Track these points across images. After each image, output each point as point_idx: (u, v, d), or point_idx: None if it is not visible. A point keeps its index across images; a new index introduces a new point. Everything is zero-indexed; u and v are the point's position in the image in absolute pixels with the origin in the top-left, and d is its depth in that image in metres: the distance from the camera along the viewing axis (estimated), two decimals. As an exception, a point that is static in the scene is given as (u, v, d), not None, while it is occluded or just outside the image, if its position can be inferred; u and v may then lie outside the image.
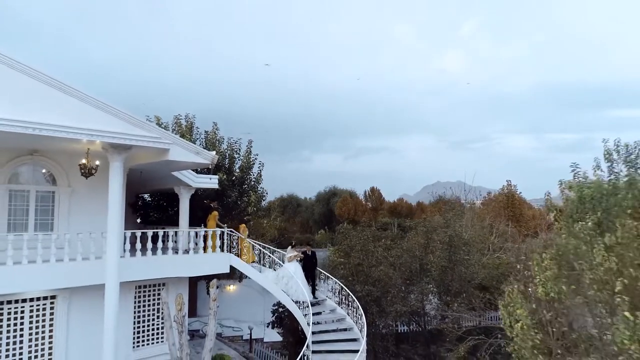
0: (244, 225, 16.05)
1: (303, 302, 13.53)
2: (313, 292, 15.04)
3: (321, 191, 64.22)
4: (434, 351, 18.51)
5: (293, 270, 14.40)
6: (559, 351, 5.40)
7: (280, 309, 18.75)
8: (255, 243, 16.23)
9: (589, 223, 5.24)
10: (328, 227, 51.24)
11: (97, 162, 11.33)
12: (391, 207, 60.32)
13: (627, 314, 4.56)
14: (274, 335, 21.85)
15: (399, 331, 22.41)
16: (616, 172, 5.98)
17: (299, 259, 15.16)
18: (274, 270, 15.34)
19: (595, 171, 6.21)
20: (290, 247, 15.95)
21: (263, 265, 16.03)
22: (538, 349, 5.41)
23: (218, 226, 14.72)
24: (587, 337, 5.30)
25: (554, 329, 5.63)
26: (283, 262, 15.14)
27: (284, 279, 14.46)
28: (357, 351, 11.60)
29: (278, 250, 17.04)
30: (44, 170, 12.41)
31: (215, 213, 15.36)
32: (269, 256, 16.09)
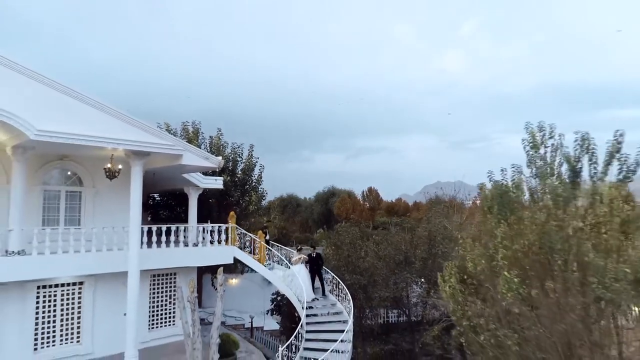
0: (260, 231, 17.80)
1: (305, 297, 15.24)
2: (323, 291, 16.73)
3: (320, 191, 65.96)
4: (419, 338, 20.28)
5: (297, 270, 16.16)
6: (470, 301, 7.29)
7: (279, 298, 20.56)
8: (269, 246, 17.89)
9: (492, 214, 7.07)
10: (327, 226, 52.85)
11: (120, 166, 13.08)
12: (389, 207, 62.08)
13: (505, 273, 6.38)
14: (273, 325, 23.67)
15: (390, 322, 24.29)
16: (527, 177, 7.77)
17: (303, 262, 16.89)
18: (282, 267, 17.11)
19: (520, 175, 7.99)
20: (296, 250, 17.73)
21: (273, 262, 17.76)
22: (457, 302, 7.27)
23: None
24: (491, 294, 7.14)
25: (473, 290, 7.48)
26: (289, 261, 16.98)
27: (288, 277, 16.26)
28: (343, 331, 13.37)
29: (285, 248, 18.78)
30: (69, 173, 14.20)
31: (233, 213, 17.19)
32: (268, 249, 17.83)
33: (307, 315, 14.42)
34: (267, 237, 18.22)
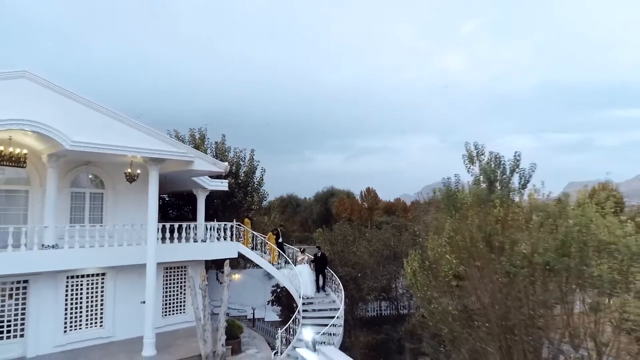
0: (270, 233, 19.47)
1: (306, 294, 16.88)
2: (323, 286, 18.16)
3: (319, 191, 67.76)
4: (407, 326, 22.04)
5: (300, 270, 17.79)
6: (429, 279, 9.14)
7: (278, 290, 22.36)
8: (281, 249, 19.43)
9: (444, 211, 8.90)
10: (326, 226, 54.45)
11: (138, 171, 14.83)
12: (387, 207, 63.84)
13: (447, 256, 8.19)
14: (273, 316, 25.44)
15: (382, 314, 26.11)
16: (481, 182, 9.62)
17: (307, 262, 18.49)
18: (286, 265, 18.76)
19: (459, 182, 9.90)
20: (299, 252, 19.33)
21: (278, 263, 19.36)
22: (416, 280, 9.13)
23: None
24: (439, 273, 8.99)
25: (429, 271, 9.31)
26: (289, 258, 18.64)
27: (291, 274, 17.93)
28: (334, 317, 15.11)
29: (289, 245, 20.36)
30: (92, 176, 15.95)
31: (247, 220, 18.95)
32: (279, 251, 19.37)
33: (304, 304, 16.16)
34: (281, 240, 19.56)
